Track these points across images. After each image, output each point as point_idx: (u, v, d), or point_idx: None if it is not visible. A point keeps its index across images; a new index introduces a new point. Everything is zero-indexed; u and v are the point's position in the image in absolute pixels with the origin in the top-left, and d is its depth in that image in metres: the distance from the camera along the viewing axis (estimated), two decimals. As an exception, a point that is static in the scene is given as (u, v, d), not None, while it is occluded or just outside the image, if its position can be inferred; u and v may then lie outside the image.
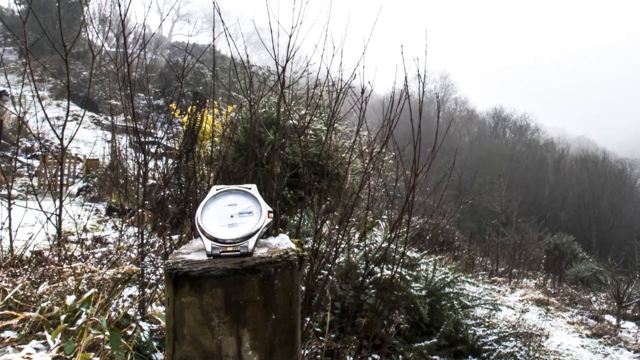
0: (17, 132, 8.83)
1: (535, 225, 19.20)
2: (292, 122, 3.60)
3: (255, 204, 0.96)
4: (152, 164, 2.93)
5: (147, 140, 2.74)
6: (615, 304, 8.11)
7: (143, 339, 1.98)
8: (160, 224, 2.88)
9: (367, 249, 3.04)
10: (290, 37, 2.60)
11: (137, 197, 3.31)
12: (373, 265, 2.80)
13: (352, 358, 2.66)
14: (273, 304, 0.86)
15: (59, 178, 3.37)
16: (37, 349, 1.68)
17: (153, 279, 2.58)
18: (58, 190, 2.89)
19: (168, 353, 0.87)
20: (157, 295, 2.44)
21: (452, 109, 44.71)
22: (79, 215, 4.00)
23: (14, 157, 9.87)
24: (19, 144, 9.58)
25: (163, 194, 2.87)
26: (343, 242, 2.89)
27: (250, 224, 0.92)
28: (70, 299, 1.91)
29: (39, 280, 2.20)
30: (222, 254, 0.88)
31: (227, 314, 0.82)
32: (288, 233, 3.19)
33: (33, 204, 2.76)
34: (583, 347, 5.94)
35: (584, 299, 9.50)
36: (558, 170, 38.41)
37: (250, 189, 0.98)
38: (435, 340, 3.13)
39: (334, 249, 2.64)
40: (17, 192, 7.52)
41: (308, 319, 2.37)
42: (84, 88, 17.59)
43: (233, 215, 0.94)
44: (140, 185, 2.85)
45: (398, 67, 2.35)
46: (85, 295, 1.92)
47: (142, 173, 2.78)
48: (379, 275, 2.98)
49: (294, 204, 4.38)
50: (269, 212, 0.95)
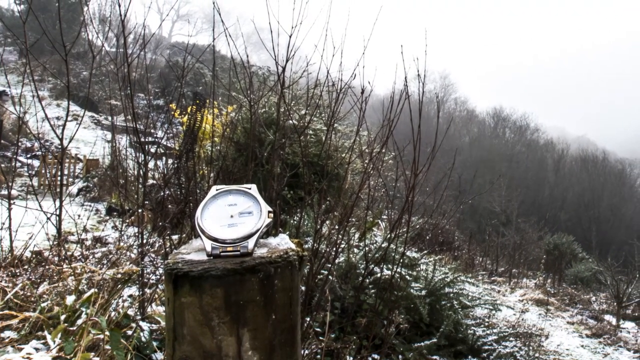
0: (17, 132, 8.83)
1: (535, 225, 19.17)
2: (292, 122, 3.60)
3: (255, 204, 0.96)
4: (152, 164, 2.93)
5: (147, 140, 2.74)
6: (615, 304, 8.12)
7: (143, 339, 1.98)
8: (160, 224, 2.88)
9: (367, 249, 3.04)
10: (290, 37, 2.60)
11: (137, 197, 3.31)
12: (373, 265, 2.80)
13: (352, 358, 2.66)
14: (273, 304, 0.86)
15: (59, 178, 3.37)
16: (37, 349, 1.68)
17: (153, 279, 2.58)
18: (58, 190, 2.89)
19: (168, 353, 0.87)
20: (157, 295, 2.45)
21: (452, 109, 44.70)
22: (79, 216, 4.00)
23: (14, 157, 9.87)
24: (19, 144, 9.57)
25: (163, 194, 2.86)
26: (343, 242, 2.89)
27: (250, 224, 0.92)
28: (70, 299, 1.92)
29: (39, 280, 2.20)
30: (222, 254, 0.88)
31: (227, 314, 0.82)
32: (288, 233, 3.19)
33: (33, 204, 2.76)
34: (583, 347, 5.94)
35: (584, 299, 9.50)
36: (558, 170, 38.40)
37: (250, 189, 0.98)
38: (435, 340, 3.13)
39: (334, 249, 2.64)
40: (17, 192, 7.52)
41: (308, 319, 2.37)
42: (84, 88, 17.58)
43: (233, 215, 0.94)
44: (140, 185, 2.85)
45: (398, 67, 2.35)
46: (85, 295, 1.92)
47: (142, 173, 2.78)
48: (379, 275, 2.98)
49: (294, 204, 4.38)
50: (269, 212, 0.95)
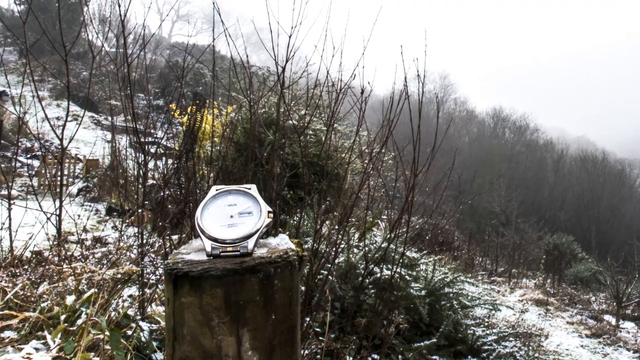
0: (17, 132, 8.83)
1: (535, 226, 19.17)
2: (291, 122, 3.60)
3: (255, 204, 0.96)
4: (152, 164, 2.93)
5: (147, 141, 2.74)
6: (615, 304, 8.12)
7: (143, 339, 1.99)
8: (160, 224, 2.88)
9: (366, 249, 3.04)
10: (290, 37, 2.60)
11: (137, 197, 3.31)
12: (373, 266, 2.80)
13: (351, 358, 2.67)
14: (273, 304, 0.86)
15: (59, 178, 3.37)
16: (37, 349, 1.68)
17: (153, 279, 2.58)
18: (58, 191, 2.89)
19: (168, 353, 0.87)
20: (157, 295, 2.45)
21: (451, 109, 44.66)
22: (79, 216, 4.00)
23: (14, 157, 9.87)
24: (19, 144, 9.57)
25: (163, 194, 2.87)
26: (343, 242, 2.89)
27: (250, 224, 0.92)
28: (70, 299, 1.92)
29: (39, 280, 2.20)
30: (221, 254, 0.88)
31: (227, 314, 0.82)
32: (288, 233, 3.20)
33: (33, 204, 2.76)
34: (582, 347, 5.95)
35: (584, 299, 9.50)
36: (557, 171, 38.39)
37: (250, 189, 0.98)
38: (435, 340, 3.14)
39: (334, 249, 2.64)
40: (17, 192, 7.52)
41: (308, 319, 2.37)
42: (84, 88, 17.58)
43: (233, 216, 0.94)
44: (140, 186, 2.85)
45: (398, 67, 2.35)
46: (85, 295, 1.92)
47: (142, 173, 2.78)
48: (379, 276, 2.98)
49: (294, 204, 4.38)
50: (269, 212, 0.95)
